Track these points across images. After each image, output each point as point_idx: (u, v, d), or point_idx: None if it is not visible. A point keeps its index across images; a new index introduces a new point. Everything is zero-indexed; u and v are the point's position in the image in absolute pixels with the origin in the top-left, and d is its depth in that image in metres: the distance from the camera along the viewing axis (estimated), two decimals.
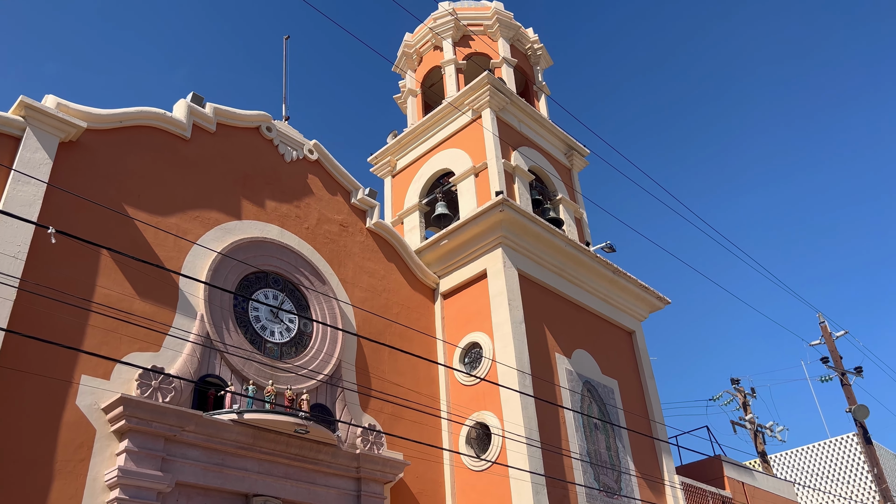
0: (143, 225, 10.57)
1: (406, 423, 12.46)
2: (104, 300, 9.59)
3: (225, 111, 12.61)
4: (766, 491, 18.02)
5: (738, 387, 24.83)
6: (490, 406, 12.74)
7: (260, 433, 10.08)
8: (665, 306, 17.48)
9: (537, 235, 14.53)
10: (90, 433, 8.89)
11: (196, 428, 9.52)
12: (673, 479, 14.97)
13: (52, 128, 10.01)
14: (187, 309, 10.49)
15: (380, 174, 18.44)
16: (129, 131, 11.12)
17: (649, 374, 16.43)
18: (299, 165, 13.62)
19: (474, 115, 16.43)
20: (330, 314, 12.38)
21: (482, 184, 15.57)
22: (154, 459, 9.04)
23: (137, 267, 10.01)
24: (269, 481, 10.14)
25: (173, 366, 9.90)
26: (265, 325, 11.49)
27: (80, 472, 8.65)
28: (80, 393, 8.98)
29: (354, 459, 11.12)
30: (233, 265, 11.36)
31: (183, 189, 11.41)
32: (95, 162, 10.50)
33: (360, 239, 14.03)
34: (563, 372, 13.88)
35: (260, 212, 12.40)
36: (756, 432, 23.83)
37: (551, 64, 20.40)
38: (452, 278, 14.68)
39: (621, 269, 16.18)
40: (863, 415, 18.85)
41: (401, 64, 20.03)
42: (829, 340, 20.34)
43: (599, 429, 14.02)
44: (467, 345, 13.77)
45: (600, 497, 13.00)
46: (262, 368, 10.91)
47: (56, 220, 9.55)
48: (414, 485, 12.17)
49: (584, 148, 18.61)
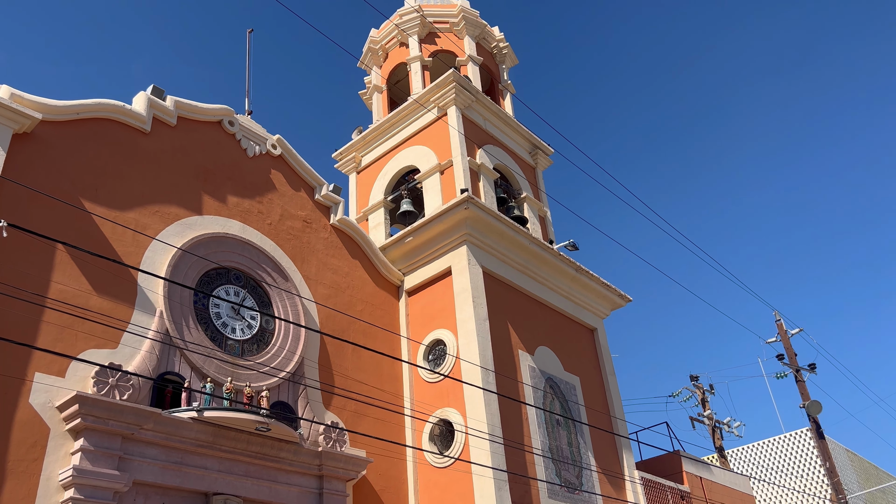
0: (101, 219, 10.34)
1: (369, 421, 12.42)
2: (59, 296, 9.36)
3: (186, 104, 12.40)
4: (723, 485, 18.41)
5: (696, 383, 25.32)
6: (453, 403, 12.77)
7: (220, 431, 9.95)
8: (626, 304, 17.72)
9: (502, 233, 14.61)
10: (44, 432, 8.68)
11: (155, 426, 9.36)
12: (633, 474, 15.20)
13: (5, 119, 9.73)
14: (146, 305, 10.30)
15: (345, 170, 18.34)
16: (87, 124, 10.87)
17: (610, 371, 16.65)
18: (262, 160, 13.47)
19: (440, 113, 16.44)
20: (293, 311, 12.28)
21: (447, 181, 15.59)
22: (111, 458, 8.86)
23: (94, 262, 9.80)
24: (229, 480, 10.02)
25: (131, 363, 9.72)
26: (226, 322, 11.34)
27: (33, 471, 8.44)
28: (33, 391, 8.75)
29: (317, 457, 11.06)
30: (193, 261, 11.18)
31: (142, 183, 11.19)
32: (51, 154, 10.23)
33: (323, 235, 13.94)
34: (527, 369, 13.98)
35: (221, 207, 12.22)
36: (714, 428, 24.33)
37: (517, 63, 20.51)
38: (417, 275, 14.68)
39: (584, 267, 16.36)
40: (816, 410, 19.36)
41: (366, 60, 19.93)
42: (785, 338, 20.85)
43: (561, 425, 14.16)
44: (431, 342, 13.78)
45: (561, 492, 13.14)
46: (223, 366, 10.77)
47: (9, 213, 9.29)
48: (377, 482, 12.15)
49: (548, 147, 18.76)
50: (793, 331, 21.07)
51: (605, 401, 16.11)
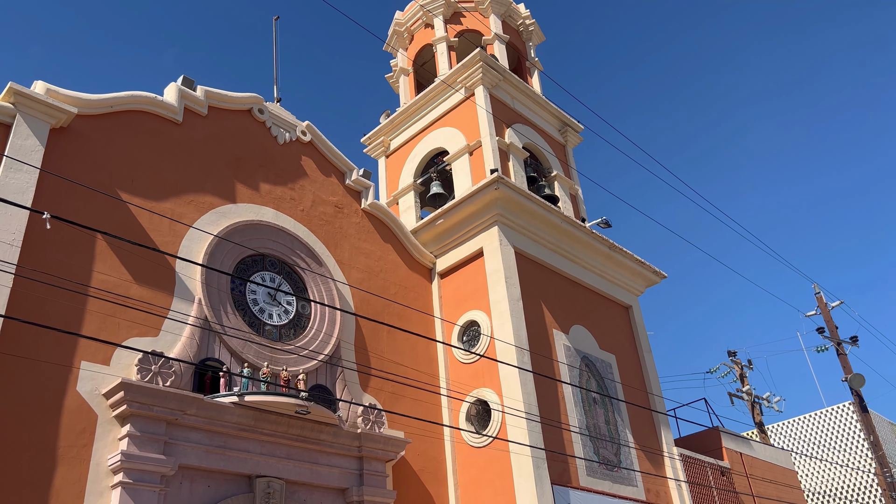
0: (138, 210, 10.52)
1: (406, 402, 12.53)
2: (101, 286, 9.58)
3: (216, 94, 12.51)
4: (763, 461, 18.22)
5: (734, 359, 25.02)
6: (489, 383, 12.81)
7: (261, 415, 10.13)
8: (661, 280, 17.54)
9: (533, 212, 14.53)
10: (92, 418, 8.92)
11: (197, 411, 9.55)
12: (672, 450, 15.12)
13: (42, 114, 9.92)
14: (185, 293, 10.48)
15: (374, 155, 18.37)
16: (120, 116, 11.04)
17: (646, 348, 16.53)
18: (292, 147, 13.56)
19: (467, 93, 16.34)
20: (328, 296, 12.39)
21: (477, 162, 15.52)
22: (156, 443, 9.08)
23: (133, 252, 9.99)
24: (271, 462, 10.21)
25: (173, 350, 9.92)
26: (263, 308, 11.50)
27: (83, 457, 8.69)
28: (80, 379, 8.99)
29: (356, 439, 11.19)
30: (229, 248, 11.34)
31: (176, 173, 11.35)
32: (87, 148, 10.42)
33: (355, 220, 14.01)
34: (561, 348, 13.95)
35: (254, 195, 12.35)
36: (753, 403, 24.05)
37: (543, 40, 20.26)
38: (449, 257, 14.69)
39: (617, 245, 16.21)
40: (858, 383, 19.02)
41: (392, 43, 19.87)
42: (825, 311, 20.47)
43: (598, 403, 14.12)
44: (465, 323, 13.81)
45: (600, 470, 13.13)
46: (262, 351, 10.94)
47: (50, 207, 9.50)
48: (415, 462, 12.27)
49: (578, 124, 18.55)
50: (833, 303, 20.67)
51: (642, 378, 16.01)
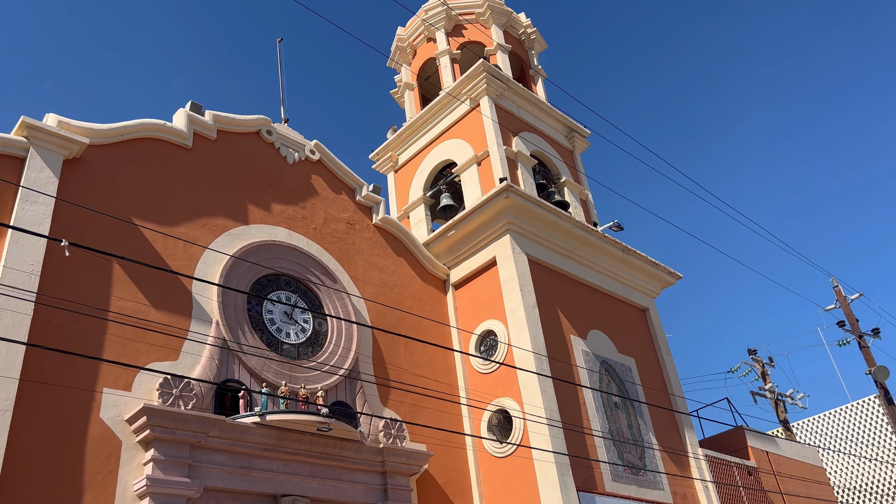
0: (152, 235, 10.62)
1: (427, 414, 12.50)
2: (120, 312, 9.66)
3: (224, 117, 12.64)
4: (790, 458, 18.00)
5: (755, 357, 24.78)
6: (509, 392, 12.76)
7: (283, 434, 10.14)
8: (677, 281, 17.45)
9: (544, 219, 14.52)
10: (116, 445, 8.97)
11: (220, 433, 9.58)
12: (697, 452, 14.97)
13: (55, 146, 10.07)
14: (203, 315, 10.55)
15: (382, 170, 18.46)
16: (131, 144, 11.17)
17: (666, 350, 16.42)
18: (302, 166, 13.65)
19: (472, 104, 16.41)
20: (343, 311, 12.43)
21: (485, 172, 15.56)
22: (181, 466, 9.11)
23: (150, 276, 10.08)
24: (295, 481, 10.21)
25: (193, 372, 9.98)
26: (280, 328, 11.54)
27: (109, 483, 8.73)
28: (102, 406, 9.05)
29: (379, 454, 11.18)
30: (244, 269, 11.41)
31: (188, 198, 11.45)
32: (100, 177, 10.55)
33: (367, 235, 14.06)
34: (580, 353, 13.89)
35: (266, 215, 12.43)
36: (777, 401, 23.79)
37: (546, 47, 20.34)
38: (462, 268, 14.70)
39: (630, 248, 16.16)
40: (883, 376, 18.77)
41: (395, 58, 20.01)
42: (845, 304, 20.26)
43: (620, 407, 14.03)
44: (482, 332, 13.79)
45: (625, 474, 13.02)
46: (281, 369, 10.97)
47: (66, 236, 9.59)
48: (439, 475, 12.22)
49: (584, 129, 18.57)
50: (852, 296, 20.46)
51: (663, 380, 15.90)
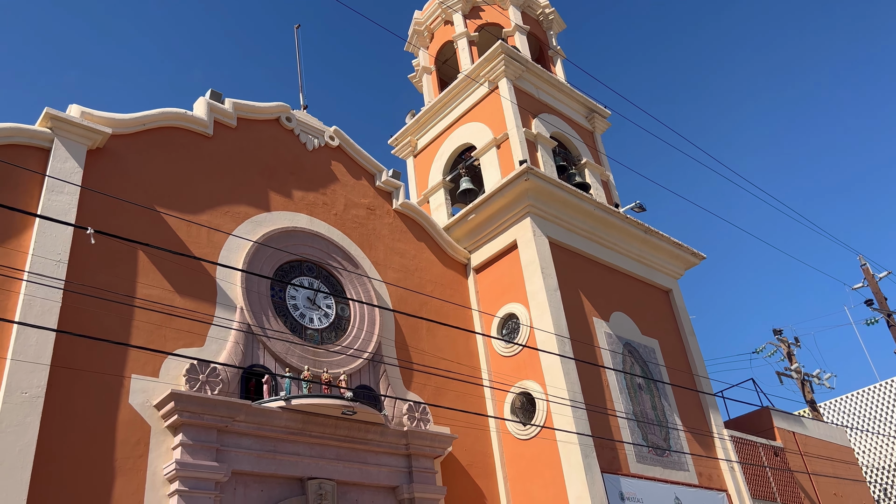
0: (176, 223, 10.73)
1: (450, 397, 12.55)
2: (146, 302, 9.79)
3: (244, 105, 12.69)
4: (818, 438, 17.84)
5: (781, 337, 24.51)
6: (531, 375, 12.76)
7: (309, 418, 10.25)
8: (700, 262, 17.29)
9: (565, 201, 14.44)
10: (145, 430, 9.13)
11: (246, 417, 9.71)
12: (722, 432, 14.88)
13: (78, 136, 10.18)
14: (227, 301, 10.66)
15: (401, 155, 18.44)
16: (153, 133, 11.27)
17: (690, 332, 16.30)
18: (322, 153, 13.69)
19: (491, 87, 16.31)
20: (365, 296, 12.49)
21: (505, 155, 15.49)
22: (209, 451, 9.25)
23: (175, 263, 10.20)
24: (321, 464, 10.32)
25: (219, 358, 10.10)
26: (304, 313, 11.63)
27: (139, 467, 8.90)
28: (131, 391, 9.21)
29: (403, 437, 11.26)
30: (267, 255, 11.50)
31: (210, 186, 11.54)
32: (123, 166, 10.66)
33: (388, 221, 14.09)
34: (603, 335, 13.83)
35: (288, 202, 12.50)
36: (803, 381, 23.54)
37: (564, 27, 20.11)
38: (483, 252, 14.68)
39: (653, 228, 16.02)
40: None
41: (413, 42, 19.92)
42: (872, 282, 19.96)
43: (644, 389, 13.97)
44: (504, 316, 13.78)
45: (650, 456, 12.99)
46: (305, 354, 11.07)
47: (91, 225, 9.72)
48: (463, 457, 12.29)
49: (604, 109, 18.38)
50: (880, 274, 20.15)
51: (687, 362, 15.80)
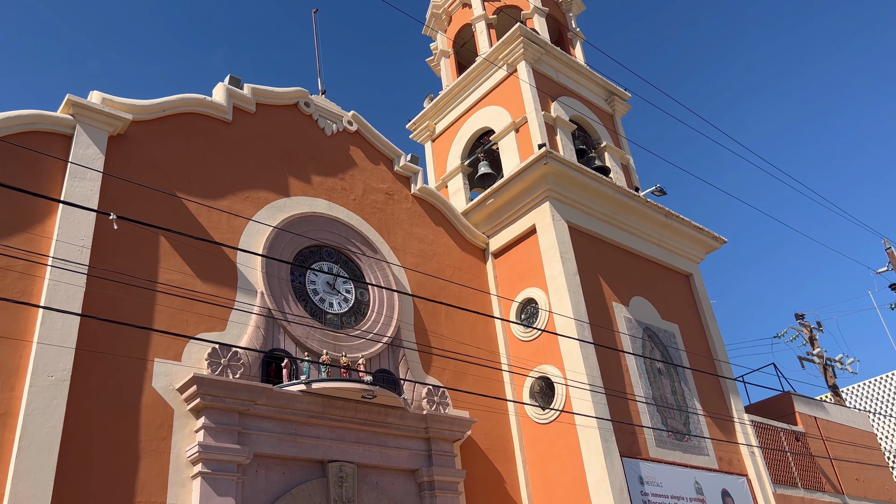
0: (196, 209, 10.81)
1: (469, 381, 12.60)
2: (168, 287, 9.90)
3: (263, 90, 12.71)
4: (840, 423, 17.69)
5: (803, 322, 24.26)
6: (550, 360, 12.75)
7: (329, 401, 10.33)
8: (721, 246, 17.13)
9: (584, 185, 14.34)
10: (168, 413, 9.26)
11: (267, 401, 9.81)
12: (742, 417, 14.80)
13: (100, 123, 10.26)
14: (248, 286, 10.74)
15: (420, 140, 18.39)
16: (173, 119, 11.32)
17: (710, 316, 16.18)
18: (340, 138, 13.69)
19: (509, 70, 16.18)
20: (384, 281, 12.53)
21: (524, 138, 15.39)
22: (231, 433, 9.37)
23: (196, 248, 10.29)
24: (342, 447, 10.42)
25: (240, 342, 10.20)
26: (323, 298, 11.69)
27: (163, 450, 9.04)
28: (154, 375, 9.34)
29: (422, 420, 11.32)
30: (287, 240, 11.56)
31: (230, 171, 11.60)
32: (144, 152, 10.74)
33: (406, 205, 14.08)
34: (622, 320, 13.78)
35: (307, 187, 12.53)
36: (825, 366, 23.31)
37: (584, 9, 19.88)
38: (502, 237, 14.64)
39: (673, 212, 15.87)
40: None
41: (431, 25, 19.80)
42: None
43: (664, 374, 13.92)
44: (523, 301, 13.76)
45: (669, 440, 12.96)
46: (325, 339, 11.14)
47: (113, 211, 9.81)
48: (482, 441, 12.34)
49: (624, 92, 18.19)
50: None
51: (707, 347, 15.70)
